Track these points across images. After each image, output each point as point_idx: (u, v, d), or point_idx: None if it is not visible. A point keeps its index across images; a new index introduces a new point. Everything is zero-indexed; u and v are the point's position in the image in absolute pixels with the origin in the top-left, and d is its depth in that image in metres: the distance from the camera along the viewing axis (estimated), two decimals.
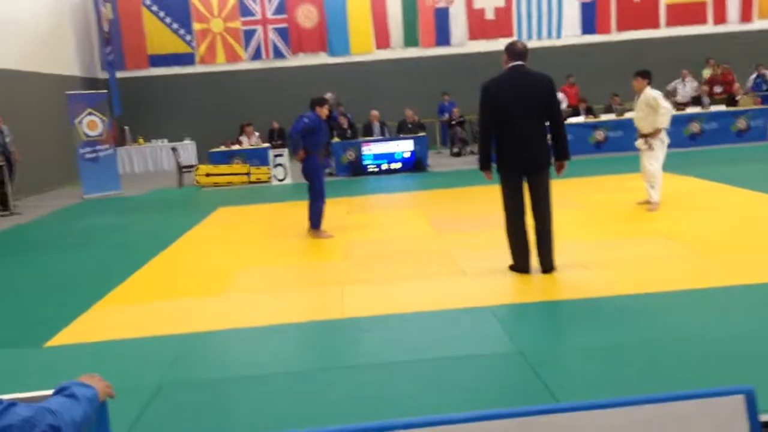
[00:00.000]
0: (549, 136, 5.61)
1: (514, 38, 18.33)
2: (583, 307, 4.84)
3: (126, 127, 19.05)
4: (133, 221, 10.32)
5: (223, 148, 15.57)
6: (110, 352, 4.56)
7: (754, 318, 4.35)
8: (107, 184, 13.91)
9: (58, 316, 5.42)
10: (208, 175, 14.30)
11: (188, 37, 19.29)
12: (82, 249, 8.37)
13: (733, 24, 19.63)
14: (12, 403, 1.61)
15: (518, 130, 5.48)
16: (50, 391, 1.82)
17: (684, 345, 3.96)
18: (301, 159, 7.87)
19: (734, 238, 6.39)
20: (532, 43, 18.64)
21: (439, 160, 15.81)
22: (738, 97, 15.78)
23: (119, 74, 18.94)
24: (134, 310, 5.53)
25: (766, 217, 7.22)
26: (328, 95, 17.14)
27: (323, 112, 7.89)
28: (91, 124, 13.90)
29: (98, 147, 13.97)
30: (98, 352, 4.59)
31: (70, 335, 4.98)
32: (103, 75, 19.20)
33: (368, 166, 14.11)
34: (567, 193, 9.14)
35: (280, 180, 13.86)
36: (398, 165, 14.09)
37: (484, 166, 5.73)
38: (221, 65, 19.43)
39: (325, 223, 8.02)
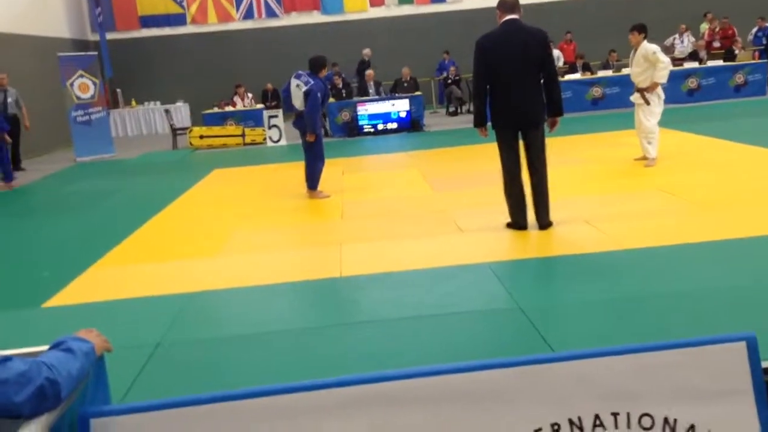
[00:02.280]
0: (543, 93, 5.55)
1: None
2: (580, 262, 4.83)
3: (118, 90, 18.83)
4: (127, 184, 10.25)
5: (216, 109, 15.41)
6: (108, 312, 4.55)
7: (753, 269, 4.35)
8: (100, 147, 13.80)
9: (57, 277, 5.40)
10: (202, 137, 14.18)
11: None
12: (77, 212, 8.33)
13: None
14: (7, 358, 1.59)
15: (512, 86, 5.41)
16: (46, 347, 1.80)
17: (684, 297, 3.96)
18: (312, 140, 7.63)
19: (732, 193, 6.37)
20: None
21: (435, 120, 15.69)
22: (737, 52, 15.61)
23: (110, 36, 18.65)
24: (131, 271, 5.52)
25: (763, 171, 7.19)
26: (366, 51, 16.92)
27: (322, 73, 7.72)
28: (83, 86, 13.73)
29: (90, 110, 13.82)
30: (96, 311, 4.59)
31: (67, 296, 4.97)
32: (93, 37, 18.89)
33: (364, 127, 13.99)
34: (564, 149, 9.08)
35: (275, 141, 13.75)
36: (394, 125, 13.97)
37: (479, 123, 5.66)
38: (213, 25, 19.13)
39: (322, 184, 7.96)
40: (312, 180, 7.90)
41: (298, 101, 7.60)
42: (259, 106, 15.61)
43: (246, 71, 18.27)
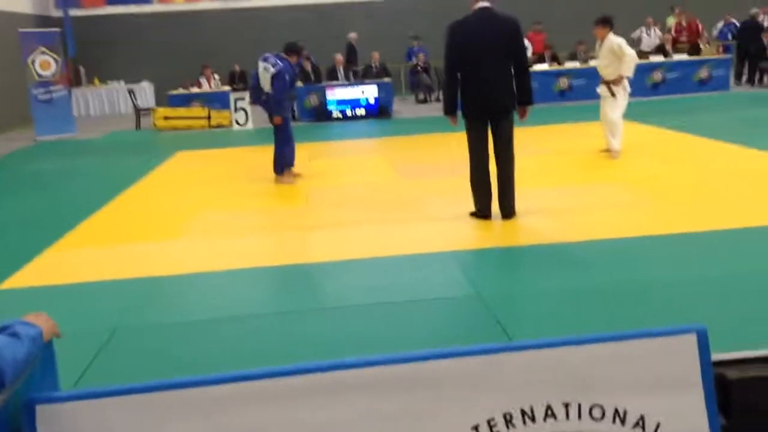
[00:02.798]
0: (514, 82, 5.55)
1: None
2: (542, 252, 4.87)
3: (81, 68, 18.41)
4: (88, 164, 10.05)
5: (181, 90, 15.16)
6: (64, 296, 4.46)
7: (709, 262, 4.43)
8: (61, 126, 13.48)
9: (11, 259, 5.27)
10: (166, 118, 13.95)
11: None
12: (36, 192, 8.14)
13: None
14: None
15: (483, 73, 5.41)
16: None
17: (640, 289, 4.02)
18: (278, 123, 7.56)
19: (693, 187, 6.48)
20: None
21: (404, 107, 15.66)
22: (702, 46, 15.85)
23: (74, 12, 18.18)
24: (90, 254, 5.41)
25: (723, 165, 7.32)
26: (352, 35, 16.80)
27: (293, 59, 7.66)
28: (44, 63, 13.39)
29: (52, 88, 13.49)
30: (52, 295, 4.49)
31: (22, 278, 4.85)
32: (57, 13, 18.39)
33: (332, 112, 13.90)
34: (530, 140, 9.13)
35: (242, 125, 13.59)
36: (363, 111, 13.90)
37: (449, 110, 5.65)
38: (180, 4, 18.78)
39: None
40: (278, 164, 7.83)
41: (267, 85, 7.51)
42: (226, 88, 15.39)
43: (214, 52, 17.98)
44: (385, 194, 6.94)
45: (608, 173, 7.33)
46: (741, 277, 4.12)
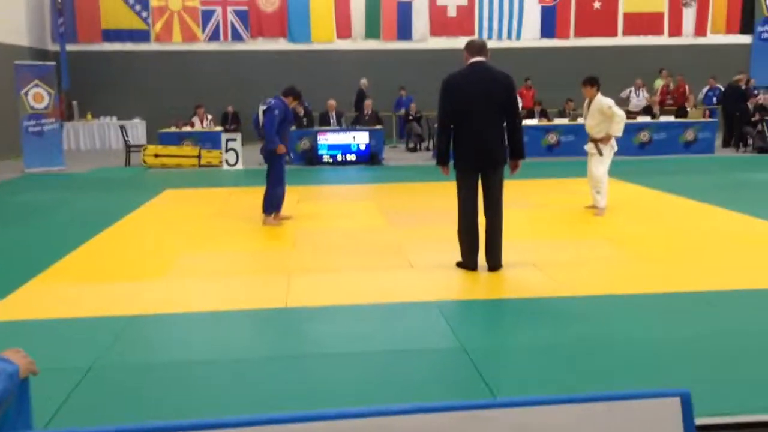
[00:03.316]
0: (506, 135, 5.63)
1: (475, 37, 18.46)
2: (526, 306, 4.86)
3: (74, 102, 18.50)
4: (74, 198, 10.00)
5: (174, 129, 15.23)
6: (42, 331, 4.38)
7: (692, 324, 4.43)
8: (51, 159, 13.48)
9: None
10: (156, 155, 13.97)
11: (144, 14, 18.81)
12: (19, 225, 8.07)
13: (688, 37, 20.13)
14: None
15: (476, 126, 5.48)
16: None
17: (623, 347, 4.01)
18: (282, 152, 7.72)
19: (676, 247, 6.53)
20: (492, 44, 18.61)
21: (394, 155, 15.79)
22: (689, 109, 16.19)
23: (70, 47, 18.37)
24: (70, 290, 5.34)
25: (707, 226, 7.40)
26: (363, 81, 17.08)
27: (292, 102, 7.85)
28: (37, 96, 13.45)
29: (43, 120, 13.52)
30: (30, 330, 4.41)
31: (1, 312, 4.77)
32: (53, 47, 18.57)
33: (323, 156, 13.98)
34: (518, 193, 9.21)
35: (232, 165, 13.63)
36: (353, 157, 14.00)
37: (442, 161, 5.71)
38: (177, 44, 19.01)
39: None
40: (267, 205, 7.85)
41: (260, 121, 7.72)
42: (218, 128, 15.48)
43: (208, 92, 18.15)
44: (373, 240, 6.94)
45: (593, 229, 7.38)
46: (722, 338, 4.12)
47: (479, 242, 5.69)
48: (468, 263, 5.71)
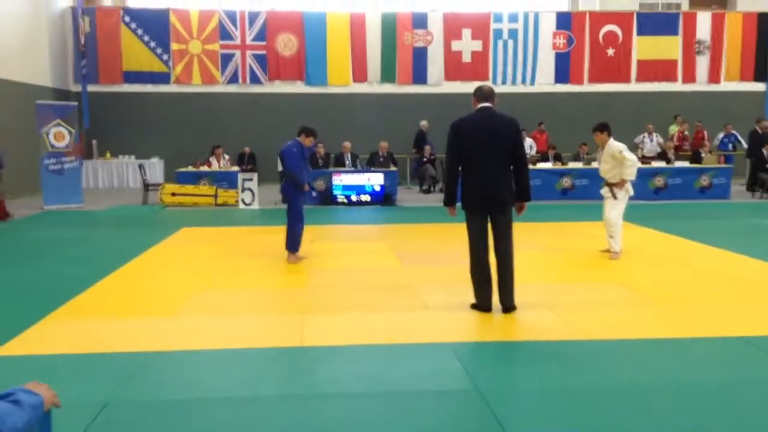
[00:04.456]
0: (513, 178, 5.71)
1: (489, 82, 18.72)
2: (541, 348, 4.84)
3: (94, 141, 18.83)
4: (92, 235, 10.12)
5: (191, 168, 15.43)
6: (58, 366, 4.41)
7: (707, 368, 4.40)
8: (69, 197, 13.68)
9: (8, 326, 5.24)
10: (173, 194, 14.13)
11: (165, 57, 19.22)
12: (38, 260, 8.17)
13: (701, 84, 20.26)
14: None
15: (483, 169, 5.58)
16: None
17: (638, 392, 3.98)
18: (307, 189, 8.09)
19: (690, 292, 6.49)
20: (507, 89, 19.03)
21: (408, 196, 15.88)
22: (704, 155, 16.22)
23: (92, 88, 18.78)
24: (87, 325, 5.38)
25: (722, 272, 7.36)
26: (423, 123, 17.47)
27: (307, 141, 8.06)
28: (59, 135, 13.72)
29: (63, 159, 13.77)
30: (46, 364, 4.45)
31: (18, 346, 4.82)
32: (75, 88, 18.99)
33: (337, 197, 14.10)
34: (532, 236, 9.23)
35: (248, 204, 13.76)
36: (367, 197, 14.11)
37: (448, 201, 5.80)
38: (196, 86, 19.36)
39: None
40: (289, 241, 8.01)
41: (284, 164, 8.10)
42: (235, 168, 15.68)
43: (225, 133, 18.43)
44: (386, 280, 6.96)
45: (607, 273, 7.36)
46: (739, 386, 4.08)
47: (491, 282, 5.71)
48: (481, 303, 5.72)
